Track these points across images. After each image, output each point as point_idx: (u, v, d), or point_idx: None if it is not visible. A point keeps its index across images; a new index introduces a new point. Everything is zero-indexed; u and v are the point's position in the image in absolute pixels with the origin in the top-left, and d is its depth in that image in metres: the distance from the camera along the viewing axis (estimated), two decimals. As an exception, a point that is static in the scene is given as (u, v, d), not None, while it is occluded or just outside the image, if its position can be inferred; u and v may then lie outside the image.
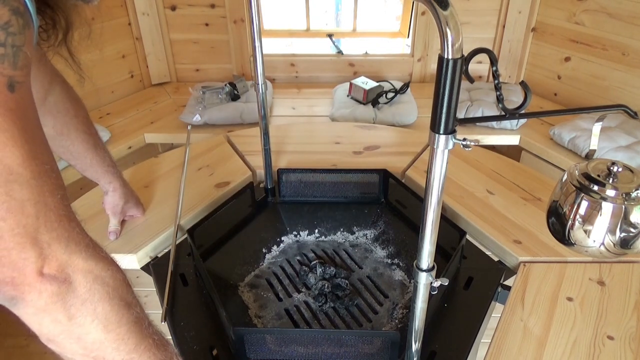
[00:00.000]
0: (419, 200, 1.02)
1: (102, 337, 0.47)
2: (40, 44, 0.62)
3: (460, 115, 1.91)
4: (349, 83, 2.18)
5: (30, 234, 0.42)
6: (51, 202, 0.44)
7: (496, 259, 0.97)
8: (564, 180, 0.63)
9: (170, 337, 0.80)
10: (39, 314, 0.45)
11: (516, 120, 1.97)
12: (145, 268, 0.96)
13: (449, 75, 0.43)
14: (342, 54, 2.52)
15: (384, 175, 1.11)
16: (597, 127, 0.64)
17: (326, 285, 0.89)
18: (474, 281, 0.91)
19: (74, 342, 0.47)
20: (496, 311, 0.87)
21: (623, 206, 0.58)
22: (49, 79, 0.80)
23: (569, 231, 0.63)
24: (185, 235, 0.95)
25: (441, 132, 0.47)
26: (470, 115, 2.01)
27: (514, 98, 2.07)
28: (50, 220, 0.44)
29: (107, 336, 0.47)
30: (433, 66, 2.46)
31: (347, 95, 2.18)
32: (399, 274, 0.96)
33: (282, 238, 1.06)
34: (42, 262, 0.43)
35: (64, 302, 0.44)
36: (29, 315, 0.45)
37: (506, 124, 1.99)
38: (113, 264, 0.49)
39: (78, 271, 0.45)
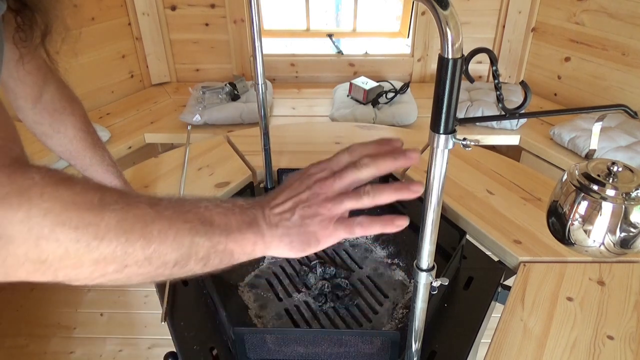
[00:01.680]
0: (419, 200, 1.02)
1: (95, 256, 0.40)
2: (18, 44, 0.61)
3: (460, 115, 1.91)
4: (349, 83, 2.18)
5: None
6: None
7: (496, 259, 0.97)
8: (564, 180, 0.63)
9: (171, 337, 0.80)
10: (9, 277, 0.38)
11: (516, 120, 1.97)
12: (145, 268, 0.96)
13: (449, 75, 0.43)
14: (342, 54, 2.53)
15: (384, 175, 1.11)
16: (597, 127, 0.64)
17: (326, 285, 0.89)
18: (474, 281, 0.91)
19: (78, 272, 0.41)
20: (496, 311, 0.86)
21: (623, 206, 0.58)
22: (42, 77, 0.80)
23: (569, 231, 0.63)
24: (185, 235, 0.95)
25: (441, 132, 0.47)
26: (470, 115, 2.01)
27: (514, 98, 2.08)
28: None
29: (100, 252, 0.40)
30: (433, 66, 2.46)
31: (347, 95, 2.18)
32: (399, 274, 0.96)
33: (282, 238, 1.06)
34: None
35: (15, 256, 0.37)
36: (8, 281, 0.39)
37: (506, 124, 1.99)
38: (50, 183, 0.39)
39: None
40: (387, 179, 1.11)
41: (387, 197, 0.50)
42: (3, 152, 0.39)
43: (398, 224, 0.50)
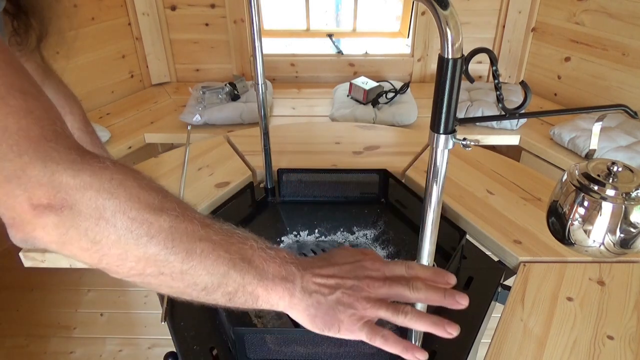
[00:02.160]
0: (419, 200, 1.02)
1: (140, 253, 0.42)
2: (13, 48, 0.61)
3: (460, 115, 1.91)
4: (349, 83, 2.18)
5: None
6: (14, 125, 0.38)
7: (496, 259, 0.97)
8: (564, 180, 0.63)
9: (171, 337, 0.80)
10: (64, 248, 0.41)
11: (516, 120, 1.98)
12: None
13: (449, 75, 0.43)
14: (342, 54, 2.53)
15: (384, 175, 1.11)
16: (597, 127, 0.64)
17: (326, 285, 0.89)
18: (474, 281, 0.91)
19: (121, 265, 0.42)
20: (496, 311, 0.86)
21: (623, 206, 0.58)
22: (40, 76, 0.80)
23: (569, 231, 0.63)
24: (185, 235, 0.95)
25: (441, 132, 0.47)
26: (470, 115, 2.01)
27: (514, 98, 2.08)
28: (17, 144, 0.38)
29: (146, 250, 0.42)
30: (433, 66, 2.46)
31: (347, 95, 2.18)
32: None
33: (282, 238, 1.06)
34: (26, 193, 0.38)
35: (77, 228, 0.40)
36: (61, 252, 0.41)
37: (506, 124, 1.99)
38: (120, 171, 0.42)
39: (72, 190, 0.39)
40: (387, 179, 1.11)
41: (421, 326, 0.51)
42: (70, 136, 0.43)
43: (416, 355, 0.50)
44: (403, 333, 0.69)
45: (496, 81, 0.48)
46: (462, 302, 0.51)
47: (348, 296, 0.50)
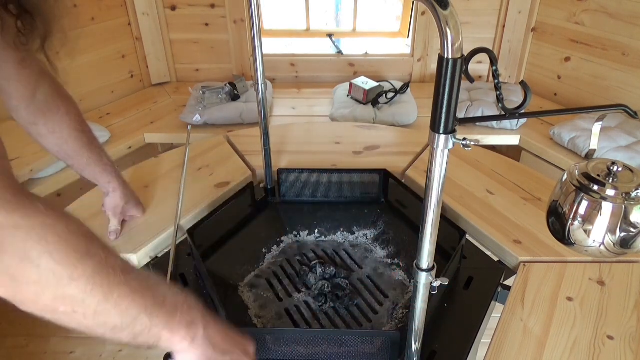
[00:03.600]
0: (419, 200, 1.02)
1: (58, 293, 0.44)
2: (19, 48, 0.63)
3: (460, 115, 1.91)
4: (349, 83, 2.18)
5: None
6: None
7: (496, 259, 0.97)
8: (564, 180, 0.63)
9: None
10: None
11: (516, 120, 1.97)
12: (145, 268, 0.96)
13: (449, 75, 0.43)
14: (342, 54, 2.52)
15: (384, 175, 1.11)
16: (597, 127, 0.64)
17: (326, 285, 0.89)
18: (474, 281, 0.91)
19: (34, 302, 0.44)
20: (496, 311, 0.87)
21: (623, 206, 0.58)
22: (35, 76, 0.80)
23: (569, 231, 0.63)
24: (185, 235, 0.95)
25: (441, 131, 0.47)
26: (470, 115, 2.01)
27: (514, 98, 2.08)
28: None
29: (65, 292, 0.44)
30: (433, 66, 2.46)
31: (347, 95, 2.18)
32: (399, 274, 0.96)
33: (282, 238, 1.06)
34: None
35: None
36: None
37: (506, 124, 1.99)
38: (52, 216, 0.44)
39: (2, 229, 0.41)
40: (387, 179, 1.11)
41: None
42: (9, 176, 0.44)
43: None
44: (403, 337, 0.69)
45: (496, 81, 0.48)
46: None
47: None
